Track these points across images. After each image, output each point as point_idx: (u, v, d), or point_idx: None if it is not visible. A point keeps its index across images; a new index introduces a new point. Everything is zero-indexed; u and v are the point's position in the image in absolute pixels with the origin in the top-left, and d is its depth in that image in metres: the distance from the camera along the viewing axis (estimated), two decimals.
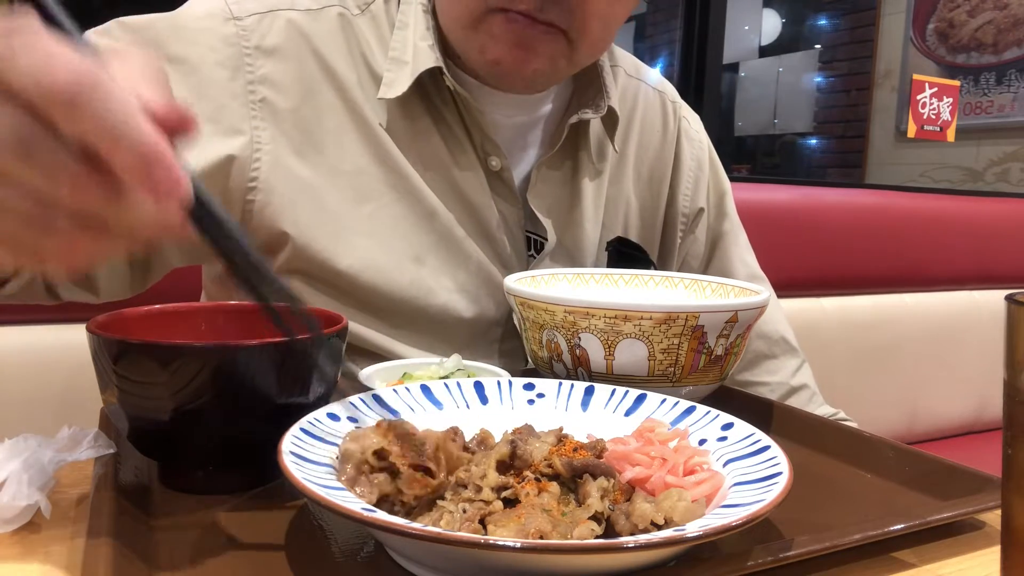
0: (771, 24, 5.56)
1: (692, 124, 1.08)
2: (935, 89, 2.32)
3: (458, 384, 0.61)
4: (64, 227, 0.34)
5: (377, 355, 0.85)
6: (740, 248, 1.09)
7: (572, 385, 0.62)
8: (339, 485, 0.44)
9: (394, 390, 0.59)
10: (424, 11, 0.85)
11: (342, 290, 0.83)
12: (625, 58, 1.04)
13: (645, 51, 5.78)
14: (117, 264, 0.79)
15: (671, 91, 1.08)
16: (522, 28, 0.76)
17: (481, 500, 0.45)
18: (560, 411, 0.60)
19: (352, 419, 0.53)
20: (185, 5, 0.82)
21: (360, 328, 0.84)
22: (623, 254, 0.96)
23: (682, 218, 1.05)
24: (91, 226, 0.35)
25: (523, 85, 0.85)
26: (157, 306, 0.63)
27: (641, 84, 1.04)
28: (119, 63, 0.35)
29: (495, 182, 0.89)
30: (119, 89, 0.32)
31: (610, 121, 0.94)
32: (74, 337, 1.10)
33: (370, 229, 0.83)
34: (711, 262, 1.08)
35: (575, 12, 0.76)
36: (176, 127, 0.35)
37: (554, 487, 0.46)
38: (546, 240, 0.92)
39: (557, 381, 0.63)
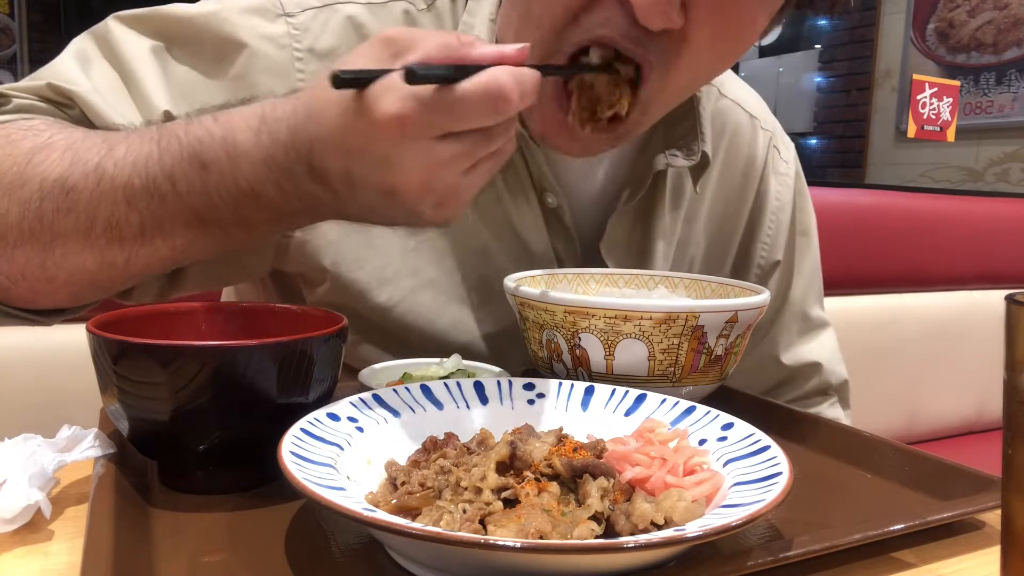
0: None
1: (783, 154, 0.97)
2: (935, 89, 2.32)
3: (458, 384, 0.61)
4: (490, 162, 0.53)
5: None
6: (808, 303, 0.98)
7: (572, 385, 0.62)
8: (339, 485, 0.44)
9: (394, 390, 0.59)
10: (491, 20, 0.76)
11: (383, 328, 0.80)
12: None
13: None
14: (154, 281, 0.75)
15: (764, 115, 0.96)
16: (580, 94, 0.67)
17: (481, 501, 0.45)
18: (560, 411, 0.60)
19: (352, 419, 0.53)
20: None
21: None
22: None
23: (756, 270, 0.95)
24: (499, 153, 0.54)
25: (573, 155, 0.76)
26: (157, 306, 0.63)
27: (735, 108, 0.92)
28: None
29: (552, 220, 0.82)
30: (509, 80, 0.48)
31: (698, 165, 0.83)
32: (74, 337, 1.10)
33: (415, 266, 0.79)
34: (772, 327, 0.97)
35: (668, 53, 0.64)
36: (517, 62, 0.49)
37: (554, 487, 0.46)
38: None
39: (557, 381, 0.63)
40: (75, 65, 0.70)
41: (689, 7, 0.60)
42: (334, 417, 0.53)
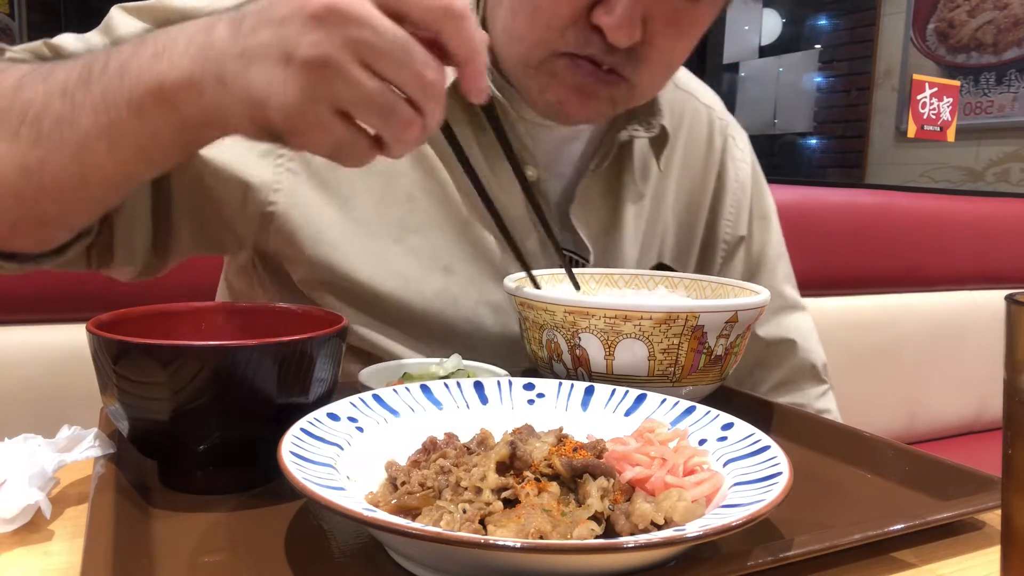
0: (771, 24, 5.55)
1: (738, 142, 1.04)
2: (935, 89, 2.32)
3: (458, 384, 0.61)
4: (405, 112, 0.49)
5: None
6: (777, 280, 1.05)
7: (572, 385, 0.62)
8: (339, 485, 0.44)
9: (394, 390, 0.59)
10: (471, 10, 0.82)
11: (367, 301, 0.82)
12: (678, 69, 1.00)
13: None
14: (139, 242, 0.77)
15: (719, 107, 1.04)
16: (585, 75, 0.74)
17: (481, 501, 0.45)
18: (560, 411, 0.60)
19: (352, 419, 0.54)
20: None
21: (385, 341, 0.83)
22: None
23: (723, 245, 1.02)
24: (422, 107, 0.50)
25: (576, 123, 0.84)
26: (157, 306, 0.63)
27: (690, 98, 1.00)
28: None
29: (529, 191, 0.85)
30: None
31: (659, 140, 0.91)
32: (74, 337, 1.10)
33: (399, 235, 0.81)
34: None
35: (641, 60, 0.74)
36: None
37: (554, 487, 0.46)
38: (582, 259, 0.90)
39: (557, 381, 0.63)
40: (72, 38, 0.75)
41: (646, 22, 0.71)
42: (334, 417, 0.53)
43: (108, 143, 0.55)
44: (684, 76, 1.01)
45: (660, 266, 0.96)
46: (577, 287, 0.78)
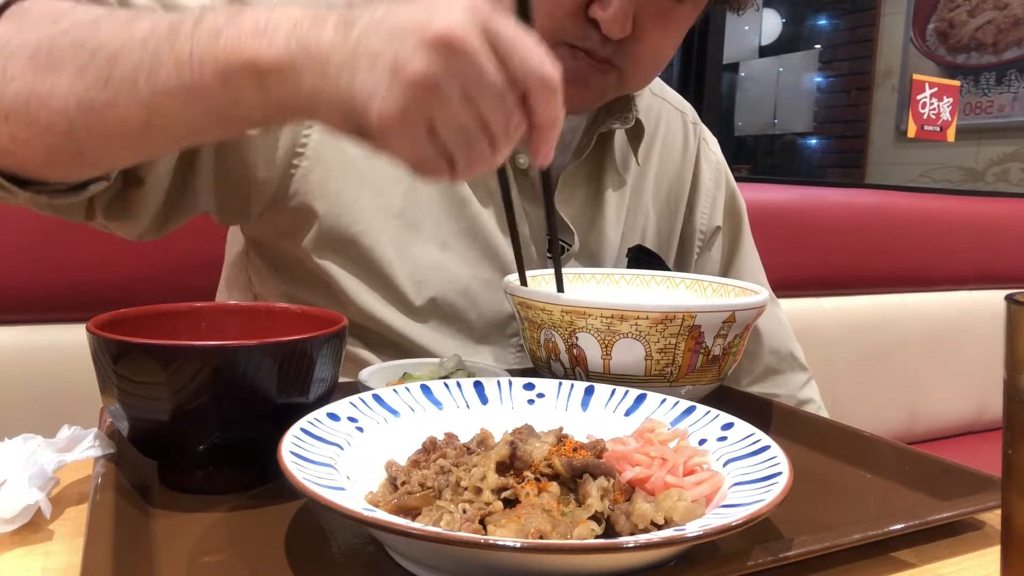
0: (771, 24, 5.56)
1: (711, 145, 1.11)
2: (935, 89, 2.31)
3: (458, 384, 0.61)
4: (483, 147, 0.52)
5: (394, 343, 0.86)
6: (753, 269, 1.13)
7: (572, 385, 0.62)
8: (339, 485, 0.44)
9: (394, 390, 0.59)
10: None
11: (365, 268, 0.85)
12: None
13: None
14: (154, 192, 0.75)
15: (692, 112, 1.11)
16: (580, 65, 0.80)
17: (481, 501, 0.45)
18: (560, 411, 0.60)
19: (352, 419, 0.54)
20: None
21: (381, 309, 0.85)
22: (642, 261, 0.99)
23: (699, 235, 1.08)
24: (497, 146, 0.53)
25: (568, 112, 0.89)
26: (157, 306, 0.63)
27: (664, 103, 1.07)
28: None
29: (521, 180, 0.91)
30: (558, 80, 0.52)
31: (635, 134, 0.97)
32: (74, 337, 1.10)
33: (401, 209, 0.85)
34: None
35: (630, 53, 0.81)
36: None
37: (554, 487, 0.46)
38: (567, 245, 0.94)
39: (557, 381, 0.63)
40: None
41: (637, 18, 0.78)
42: (334, 417, 0.53)
43: (184, 100, 0.54)
44: (659, 84, 1.09)
45: (639, 248, 1.00)
46: (560, 288, 0.78)
